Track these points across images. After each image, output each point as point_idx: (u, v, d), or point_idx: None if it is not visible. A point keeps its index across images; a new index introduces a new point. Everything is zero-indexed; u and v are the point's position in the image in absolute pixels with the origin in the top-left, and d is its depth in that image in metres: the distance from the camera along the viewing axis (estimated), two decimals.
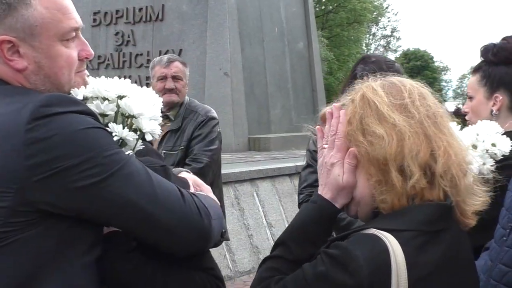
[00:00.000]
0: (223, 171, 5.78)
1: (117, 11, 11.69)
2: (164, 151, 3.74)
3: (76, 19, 1.47)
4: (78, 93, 1.45)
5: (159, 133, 1.52)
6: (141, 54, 11.42)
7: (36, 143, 1.23)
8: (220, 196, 3.97)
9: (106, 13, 11.84)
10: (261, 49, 11.77)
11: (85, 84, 1.49)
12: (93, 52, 1.54)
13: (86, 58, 1.51)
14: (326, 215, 1.35)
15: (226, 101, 10.43)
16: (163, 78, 3.83)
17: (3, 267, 1.25)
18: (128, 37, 11.59)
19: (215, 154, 3.78)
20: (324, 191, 1.35)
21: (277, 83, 12.10)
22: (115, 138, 1.40)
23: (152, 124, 1.48)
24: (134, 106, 1.45)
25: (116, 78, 1.54)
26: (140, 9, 11.42)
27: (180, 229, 1.36)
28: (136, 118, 1.45)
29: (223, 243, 5.50)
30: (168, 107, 3.86)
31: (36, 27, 1.38)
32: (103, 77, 1.53)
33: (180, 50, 10.94)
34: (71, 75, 1.46)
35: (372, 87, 1.35)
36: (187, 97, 3.97)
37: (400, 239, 1.19)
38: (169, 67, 3.85)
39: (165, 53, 11.06)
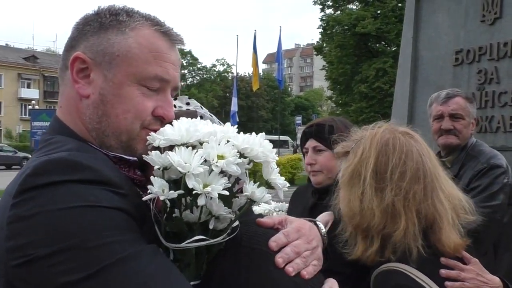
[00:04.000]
0: None
1: (479, 48, 11.04)
2: None
3: (169, 71, 1.27)
4: (156, 139, 1.20)
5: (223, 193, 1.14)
6: (505, 92, 10.42)
7: (15, 222, 1.02)
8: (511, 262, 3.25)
9: (468, 51, 11.31)
10: None
11: (145, 144, 1.24)
12: (173, 115, 1.27)
13: (162, 118, 1.27)
14: None
15: None
16: (440, 117, 3.33)
17: None
18: (491, 74, 10.77)
19: (497, 212, 3.03)
20: None
21: None
22: (147, 197, 1.11)
23: (216, 184, 1.10)
24: (176, 158, 1.09)
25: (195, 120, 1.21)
26: (505, 44, 10.50)
27: None
28: (182, 173, 1.10)
29: None
30: (446, 151, 3.35)
31: (117, 57, 1.22)
32: (184, 118, 1.23)
33: None
34: (135, 125, 1.23)
35: None
36: (473, 139, 3.34)
37: None
38: (446, 104, 3.32)
39: None
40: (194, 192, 1.08)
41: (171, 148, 1.16)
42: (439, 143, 3.39)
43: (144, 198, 1.13)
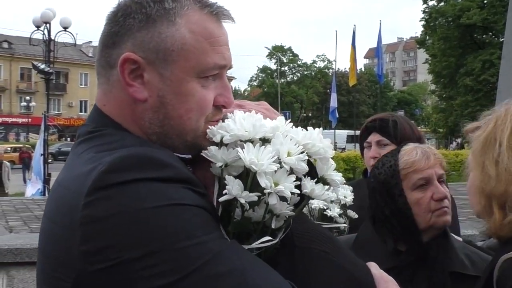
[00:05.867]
0: None
1: None
2: None
3: (224, 54, 1.15)
4: (216, 133, 1.11)
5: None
6: None
7: (92, 223, 0.93)
8: None
9: None
10: None
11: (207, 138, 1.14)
12: (233, 100, 1.18)
13: (223, 106, 1.16)
14: None
15: None
16: None
17: None
18: None
19: None
20: None
21: None
22: (224, 198, 1.03)
23: (286, 181, 1.03)
24: (248, 155, 1.02)
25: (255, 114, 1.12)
26: None
27: None
28: (253, 171, 1.02)
29: None
30: None
31: (172, 52, 1.09)
32: (238, 112, 1.14)
33: None
34: (200, 122, 1.13)
35: None
36: None
37: None
38: None
39: None
40: (266, 191, 1.02)
41: (215, 143, 1.11)
42: None
43: (221, 199, 1.04)
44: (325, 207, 2.49)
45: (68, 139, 54.25)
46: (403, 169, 1.93)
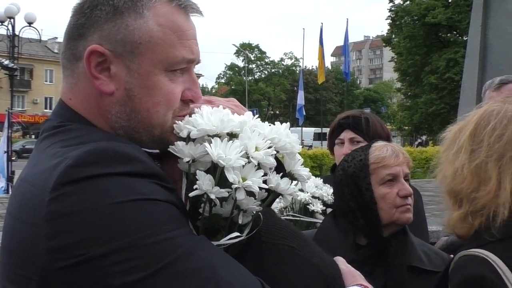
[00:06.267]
0: None
1: None
2: None
3: (192, 48, 1.13)
4: (183, 128, 1.09)
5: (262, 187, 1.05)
6: None
7: (58, 218, 0.90)
8: None
9: None
10: None
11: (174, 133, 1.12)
12: (201, 95, 1.17)
13: (191, 101, 1.15)
14: None
15: None
16: None
17: None
18: None
19: None
20: None
21: None
22: (194, 193, 1.01)
23: (254, 176, 1.02)
24: (216, 150, 1.01)
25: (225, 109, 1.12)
26: None
27: None
28: (220, 166, 1.01)
29: None
30: None
31: (139, 44, 1.07)
32: (205, 107, 1.13)
33: None
34: (167, 116, 1.11)
35: None
36: None
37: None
38: (499, 90, 3.17)
39: None
40: (234, 186, 1.00)
41: (183, 138, 1.10)
42: None
43: (191, 194, 1.02)
44: (309, 201, 2.51)
45: (33, 136, 53.03)
46: (372, 164, 1.98)
